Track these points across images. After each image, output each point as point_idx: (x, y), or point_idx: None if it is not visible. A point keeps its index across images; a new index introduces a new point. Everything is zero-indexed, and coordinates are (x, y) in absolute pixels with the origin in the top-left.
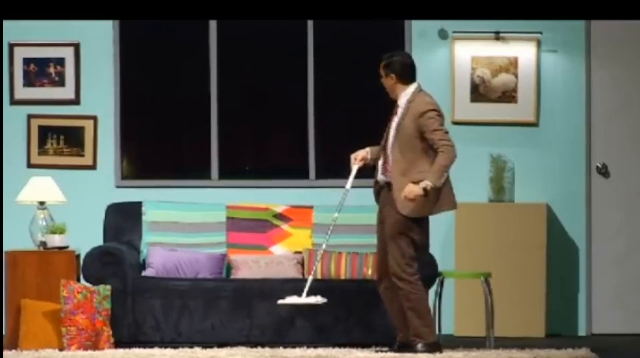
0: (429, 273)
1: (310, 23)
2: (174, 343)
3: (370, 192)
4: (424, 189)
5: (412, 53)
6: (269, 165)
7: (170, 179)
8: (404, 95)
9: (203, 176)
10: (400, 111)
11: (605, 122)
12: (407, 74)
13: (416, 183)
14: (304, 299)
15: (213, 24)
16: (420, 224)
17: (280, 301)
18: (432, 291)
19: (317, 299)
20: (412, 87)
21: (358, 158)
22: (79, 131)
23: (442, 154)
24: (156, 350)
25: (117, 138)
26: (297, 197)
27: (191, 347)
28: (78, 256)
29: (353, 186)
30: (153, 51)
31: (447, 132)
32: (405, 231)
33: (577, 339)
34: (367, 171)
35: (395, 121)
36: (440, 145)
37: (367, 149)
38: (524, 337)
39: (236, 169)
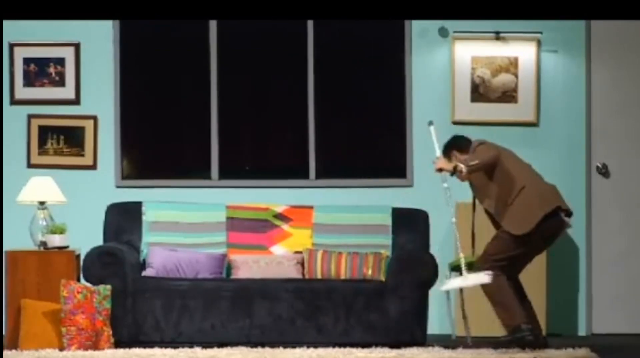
0: (429, 273)
1: (310, 23)
2: (174, 343)
3: (371, 192)
4: (454, 167)
5: (412, 53)
6: (269, 165)
7: (171, 179)
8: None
9: (203, 176)
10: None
11: (605, 122)
12: (462, 144)
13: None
14: (468, 280)
15: (213, 24)
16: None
17: (445, 287)
18: (431, 292)
19: (481, 277)
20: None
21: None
22: (79, 131)
23: (482, 147)
24: (156, 350)
25: (117, 138)
26: (297, 197)
27: (191, 347)
28: (78, 256)
29: (354, 186)
30: (153, 51)
31: (493, 154)
32: (504, 239)
33: (577, 339)
34: (366, 172)
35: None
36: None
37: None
38: None
39: (236, 169)
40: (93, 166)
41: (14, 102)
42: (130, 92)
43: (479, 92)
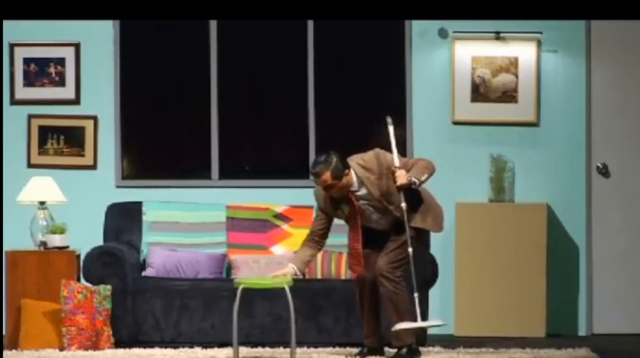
0: (429, 273)
1: (310, 23)
2: (174, 343)
3: None
4: (410, 183)
5: (412, 53)
6: (269, 165)
7: (171, 179)
8: (353, 181)
9: (203, 176)
10: (360, 191)
11: (605, 122)
12: (345, 162)
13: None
14: (421, 323)
15: (213, 24)
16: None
17: (398, 326)
18: (432, 292)
19: (438, 322)
20: (352, 171)
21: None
22: (79, 131)
23: (423, 161)
24: (156, 350)
25: (118, 137)
26: (297, 197)
27: (191, 347)
28: (78, 256)
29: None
30: (153, 51)
31: (433, 164)
32: (412, 245)
33: (578, 339)
34: None
35: (362, 201)
36: (419, 159)
37: (290, 265)
38: (524, 337)
39: (236, 169)
40: (93, 166)
41: (14, 102)
42: (130, 92)
43: (479, 92)
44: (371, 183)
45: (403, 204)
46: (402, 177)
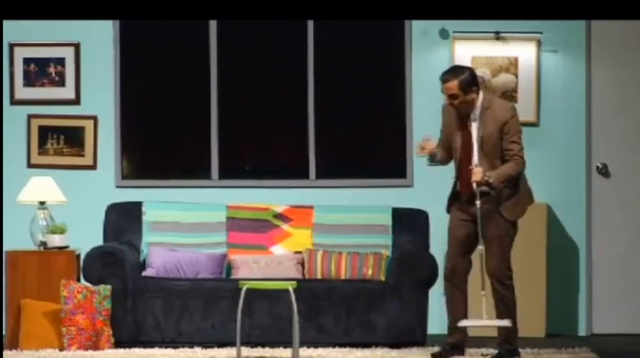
0: (429, 273)
1: (310, 23)
2: (174, 344)
3: (371, 192)
4: (487, 182)
5: (412, 53)
6: (269, 165)
7: (171, 179)
8: (477, 104)
9: (203, 176)
10: (476, 122)
11: (605, 122)
12: (477, 83)
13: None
14: (488, 321)
15: (213, 24)
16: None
17: (462, 324)
18: (431, 292)
19: (504, 322)
20: (481, 94)
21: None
22: (79, 131)
23: (514, 164)
24: (156, 350)
25: (117, 137)
26: (298, 197)
27: (191, 347)
28: (78, 256)
29: (354, 186)
30: (153, 51)
31: (522, 147)
32: (511, 235)
33: (577, 339)
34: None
35: (474, 133)
36: (514, 156)
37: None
38: (524, 337)
39: (236, 169)
40: (93, 166)
41: (14, 102)
42: (130, 92)
43: None
44: (484, 120)
45: (477, 202)
46: (477, 174)
